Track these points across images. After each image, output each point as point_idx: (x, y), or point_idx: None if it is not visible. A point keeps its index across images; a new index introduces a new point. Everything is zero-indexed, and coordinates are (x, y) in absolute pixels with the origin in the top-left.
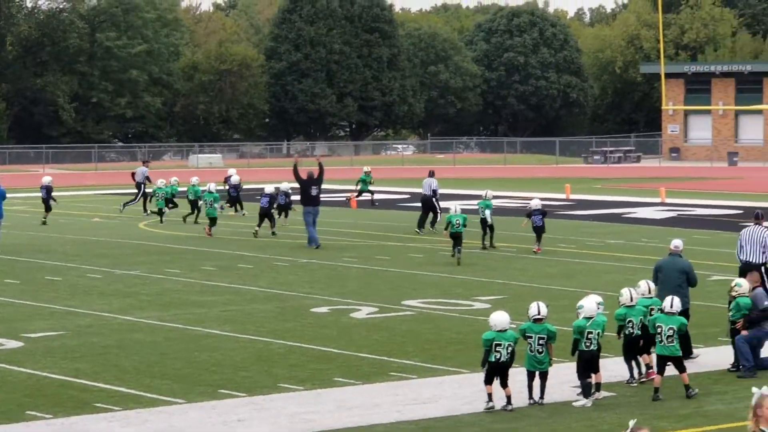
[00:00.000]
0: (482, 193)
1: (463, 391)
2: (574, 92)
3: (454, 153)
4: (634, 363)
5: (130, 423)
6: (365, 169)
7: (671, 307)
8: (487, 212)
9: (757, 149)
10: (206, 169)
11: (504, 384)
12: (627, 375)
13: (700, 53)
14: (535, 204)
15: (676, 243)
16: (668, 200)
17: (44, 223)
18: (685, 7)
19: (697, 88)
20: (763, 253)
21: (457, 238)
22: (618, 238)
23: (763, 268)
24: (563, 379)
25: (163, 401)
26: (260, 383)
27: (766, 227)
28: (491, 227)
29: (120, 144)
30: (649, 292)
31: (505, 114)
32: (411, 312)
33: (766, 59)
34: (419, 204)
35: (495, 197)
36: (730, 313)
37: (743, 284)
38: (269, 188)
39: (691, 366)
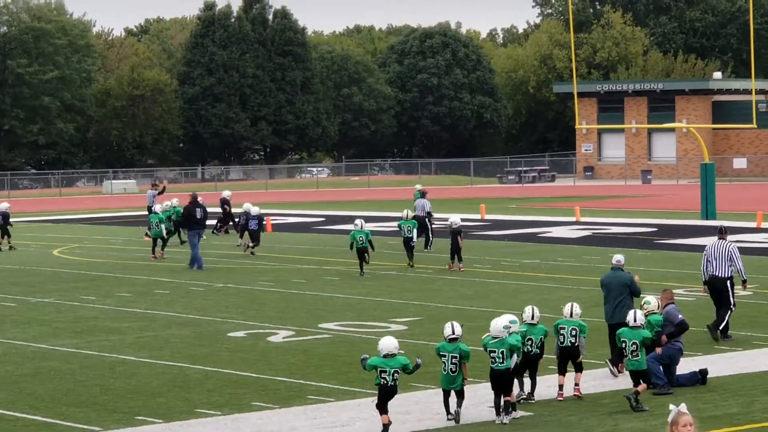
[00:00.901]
0: (402, 213)
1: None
2: (487, 112)
3: (369, 175)
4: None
5: None
6: (417, 187)
7: (635, 321)
8: (415, 231)
9: (670, 167)
10: (121, 195)
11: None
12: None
13: (612, 72)
14: (457, 221)
15: (618, 258)
16: (583, 219)
17: (11, 248)
18: (597, 27)
19: (610, 106)
20: (729, 266)
21: (361, 254)
22: (533, 258)
23: (728, 282)
24: (480, 399)
25: (79, 429)
26: (177, 409)
27: (730, 241)
28: (413, 246)
29: (33, 171)
30: (571, 315)
31: (419, 135)
32: (328, 335)
33: (678, 77)
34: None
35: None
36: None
37: (652, 302)
38: (255, 210)
39: (607, 383)
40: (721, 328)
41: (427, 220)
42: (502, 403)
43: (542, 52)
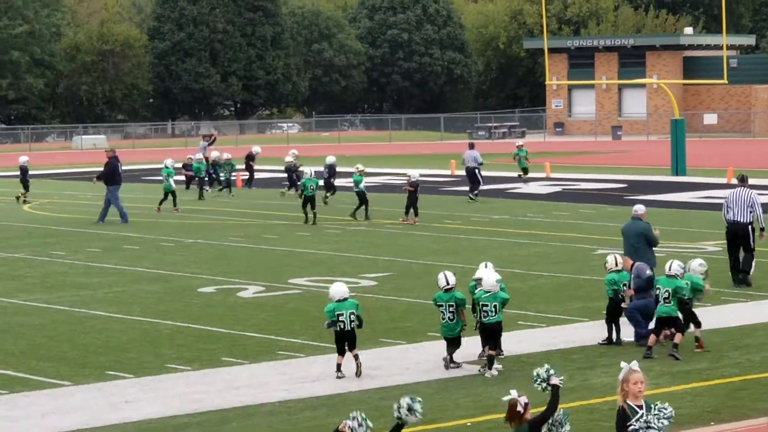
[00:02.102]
0: (355, 168)
1: (351, 368)
2: (458, 68)
3: (339, 131)
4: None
5: (17, 406)
6: (518, 143)
7: (670, 270)
8: (362, 186)
9: (640, 123)
10: (91, 150)
11: (351, 347)
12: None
13: (583, 28)
14: (415, 175)
15: (637, 207)
16: (553, 175)
17: (25, 201)
18: None
19: (581, 62)
20: (750, 212)
21: (311, 201)
22: (503, 214)
23: (750, 227)
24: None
25: (50, 384)
26: (147, 364)
27: (751, 189)
28: (366, 200)
29: (2, 126)
30: (447, 283)
31: (389, 91)
32: (298, 290)
33: (648, 33)
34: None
35: (380, 174)
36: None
37: (609, 260)
38: (330, 159)
39: (577, 338)
40: (750, 273)
41: (477, 170)
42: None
43: (513, 8)
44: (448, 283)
